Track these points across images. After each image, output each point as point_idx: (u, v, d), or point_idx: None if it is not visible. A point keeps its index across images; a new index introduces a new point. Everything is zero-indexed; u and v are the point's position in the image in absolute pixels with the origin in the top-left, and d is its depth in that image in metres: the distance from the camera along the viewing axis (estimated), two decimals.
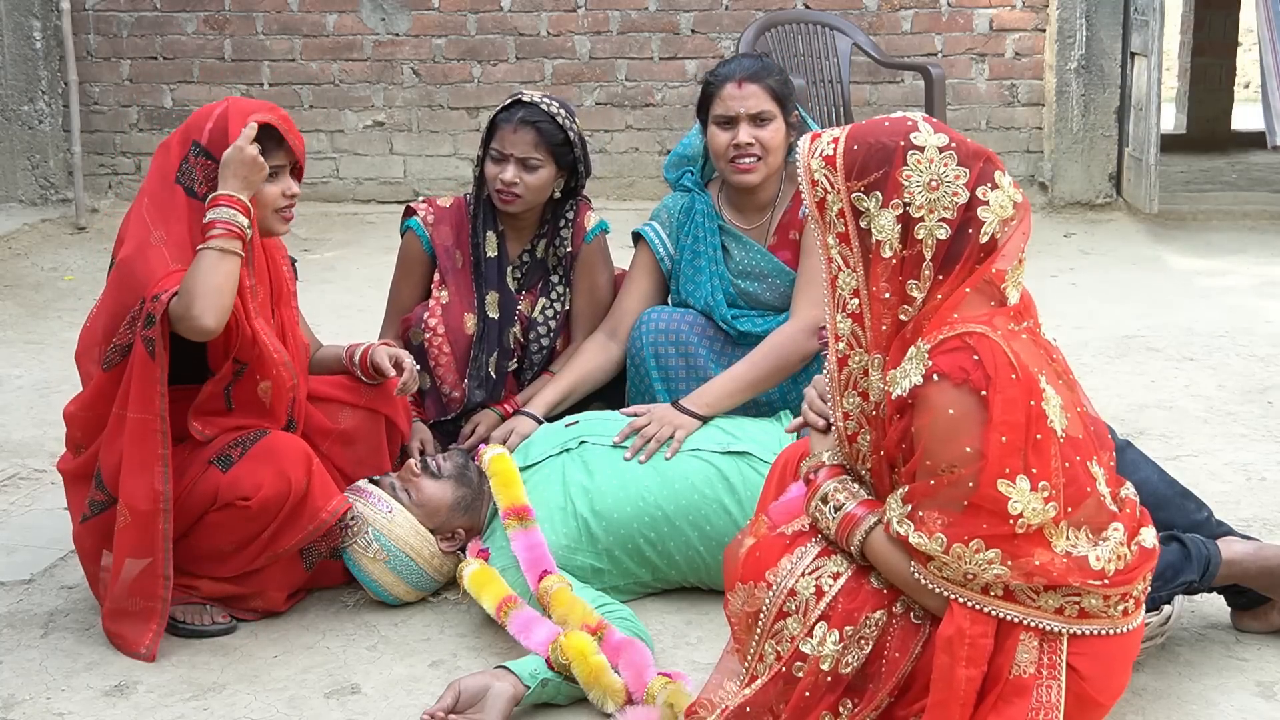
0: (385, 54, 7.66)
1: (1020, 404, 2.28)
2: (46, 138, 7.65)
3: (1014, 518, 2.29)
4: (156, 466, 2.96)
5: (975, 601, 2.34)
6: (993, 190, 2.36)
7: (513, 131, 3.55)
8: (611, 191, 7.60)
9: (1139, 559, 2.41)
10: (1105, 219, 7.37)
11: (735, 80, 3.51)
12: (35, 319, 5.87)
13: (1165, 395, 4.67)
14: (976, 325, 2.32)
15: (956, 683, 2.34)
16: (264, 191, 3.08)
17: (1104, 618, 2.38)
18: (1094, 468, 2.39)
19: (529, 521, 3.15)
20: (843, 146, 2.39)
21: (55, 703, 2.87)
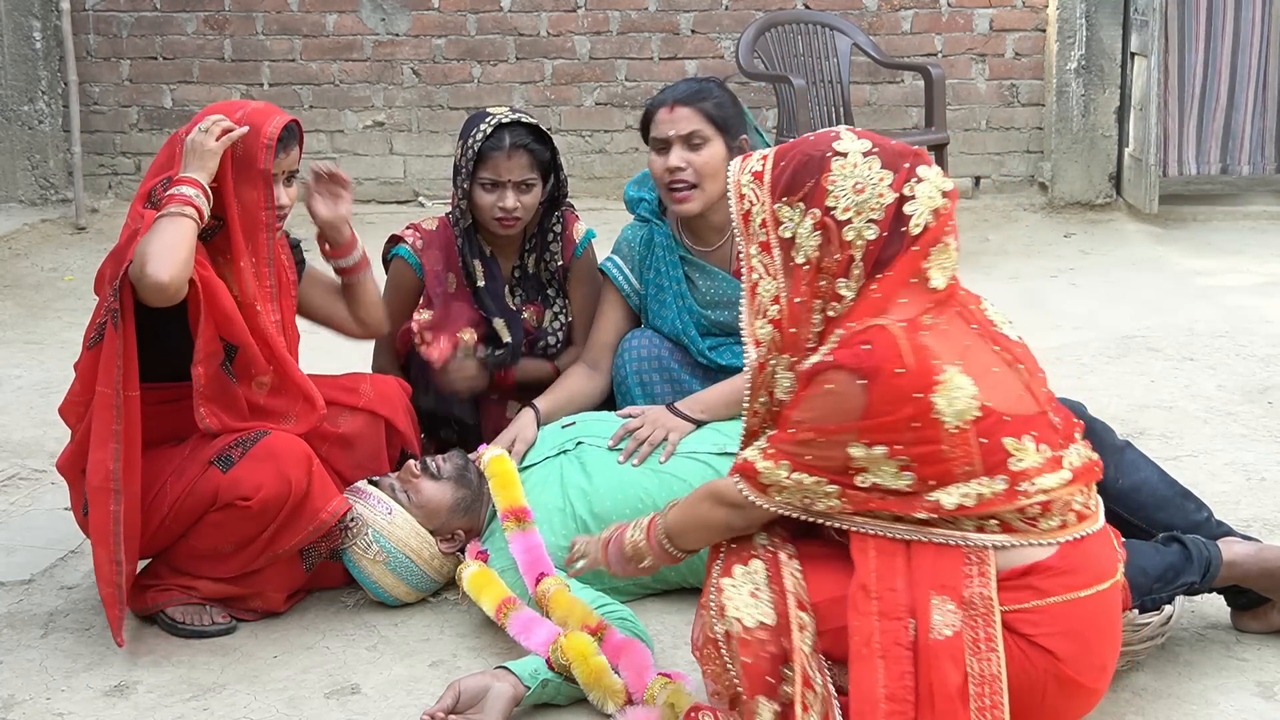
0: (385, 54, 7.66)
1: (902, 396, 2.36)
2: (46, 138, 7.65)
3: (856, 470, 2.40)
4: (109, 443, 2.96)
5: (818, 518, 2.45)
6: (918, 184, 2.45)
7: (506, 158, 3.51)
8: (611, 191, 7.59)
9: (1001, 496, 2.40)
10: (1105, 219, 7.36)
11: (667, 104, 3.45)
12: (35, 319, 5.87)
13: (1165, 395, 4.67)
14: (882, 319, 2.41)
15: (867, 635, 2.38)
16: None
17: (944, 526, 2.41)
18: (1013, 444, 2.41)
19: (527, 523, 3.16)
20: (770, 163, 2.51)
21: (55, 703, 2.87)
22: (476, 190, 3.55)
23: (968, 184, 7.62)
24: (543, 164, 3.57)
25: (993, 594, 2.39)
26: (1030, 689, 2.41)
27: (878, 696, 2.36)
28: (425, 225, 3.73)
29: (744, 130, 3.52)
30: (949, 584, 2.39)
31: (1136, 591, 2.80)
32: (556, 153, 3.62)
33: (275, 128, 3.09)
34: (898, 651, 2.38)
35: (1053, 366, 4.94)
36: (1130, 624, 2.75)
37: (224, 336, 3.06)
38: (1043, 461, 2.44)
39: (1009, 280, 6.34)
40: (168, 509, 3.07)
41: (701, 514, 2.59)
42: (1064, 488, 2.46)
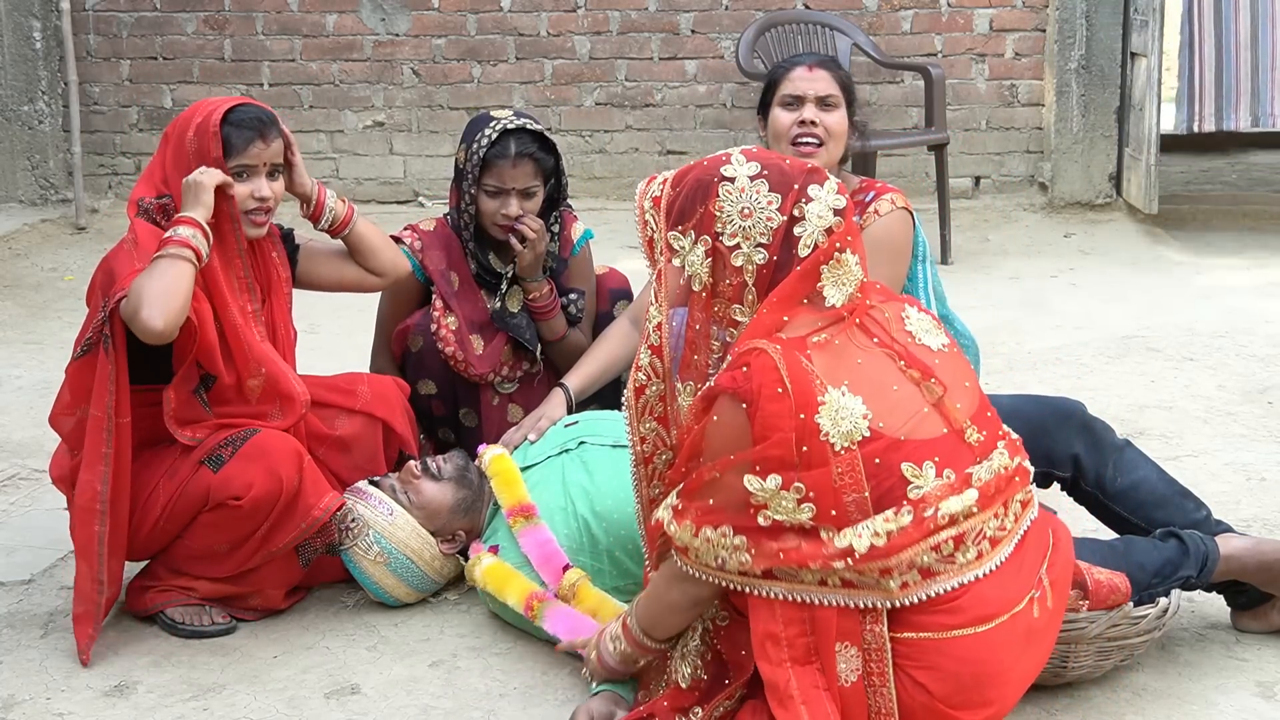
0: (385, 54, 7.65)
1: (784, 417, 2.33)
2: (46, 138, 7.65)
3: (756, 508, 2.35)
4: (98, 465, 2.98)
5: (738, 584, 2.41)
6: (808, 204, 2.43)
7: (512, 166, 3.51)
8: (611, 191, 7.59)
9: (911, 529, 2.34)
10: (1105, 219, 7.36)
11: (806, 65, 3.54)
12: (35, 319, 5.87)
13: (1165, 395, 4.67)
14: (760, 342, 2.38)
15: (784, 684, 2.37)
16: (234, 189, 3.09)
17: (874, 589, 2.36)
18: (911, 470, 2.36)
19: (535, 519, 3.15)
20: (668, 188, 2.51)
21: (55, 703, 2.87)
22: (481, 196, 3.55)
23: (968, 184, 7.62)
24: (546, 170, 3.57)
25: (884, 630, 2.38)
26: (907, 716, 2.40)
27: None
28: (423, 226, 3.73)
29: (858, 107, 3.59)
30: (849, 629, 2.39)
31: (1135, 586, 2.81)
32: (559, 157, 3.62)
33: (218, 114, 3.08)
34: (816, 694, 2.38)
35: (1052, 367, 4.99)
36: (1127, 616, 2.75)
37: (204, 366, 3.07)
38: (944, 487, 2.38)
39: (1009, 280, 6.35)
40: (161, 510, 3.07)
41: (661, 595, 2.57)
42: (970, 513, 2.39)
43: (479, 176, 3.53)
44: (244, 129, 3.10)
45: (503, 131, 3.51)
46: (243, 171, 3.11)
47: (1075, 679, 2.81)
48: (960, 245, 6.83)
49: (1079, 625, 2.72)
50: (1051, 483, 3.10)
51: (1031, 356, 5.14)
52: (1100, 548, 2.87)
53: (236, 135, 3.09)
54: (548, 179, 3.60)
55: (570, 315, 3.71)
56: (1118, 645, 2.77)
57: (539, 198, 3.59)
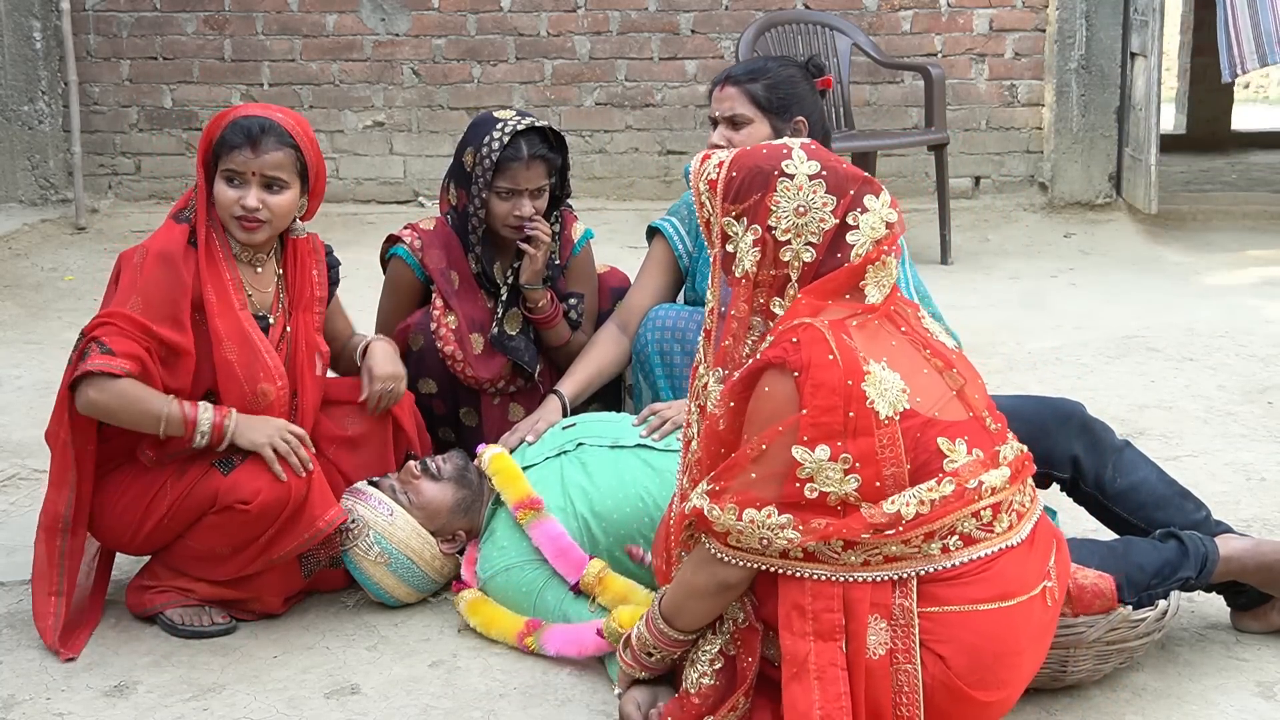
0: (385, 54, 7.66)
1: (834, 385, 2.37)
2: (46, 138, 7.65)
3: (803, 481, 2.37)
4: (65, 490, 3.04)
5: (776, 566, 2.42)
6: (863, 214, 2.48)
7: (525, 168, 3.51)
8: (611, 192, 7.60)
9: (952, 498, 2.41)
10: (1105, 219, 7.36)
11: (720, 83, 3.56)
12: (35, 319, 5.87)
13: (1165, 395, 4.67)
14: (807, 318, 2.43)
15: (803, 656, 2.39)
16: (222, 193, 3.10)
17: (915, 558, 2.41)
18: (946, 444, 2.44)
19: (543, 511, 3.15)
20: (724, 172, 2.52)
21: (55, 703, 2.87)
22: (492, 199, 3.55)
23: (968, 184, 7.62)
24: (555, 169, 3.59)
25: (913, 605, 2.41)
26: (926, 696, 2.40)
27: (814, 717, 2.37)
28: (423, 225, 3.72)
29: (803, 111, 3.53)
30: (882, 602, 2.41)
31: (1133, 587, 2.81)
32: (567, 152, 3.63)
33: (231, 115, 3.11)
34: (833, 673, 2.39)
35: (1052, 367, 4.99)
36: (1126, 620, 2.75)
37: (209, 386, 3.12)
38: (975, 463, 2.45)
39: (1009, 280, 6.35)
40: (166, 509, 3.07)
41: (687, 580, 2.56)
42: (1006, 487, 2.48)
43: (491, 180, 3.53)
44: (237, 134, 3.09)
45: (514, 133, 3.51)
46: (232, 177, 3.10)
47: (1075, 682, 2.80)
48: (960, 245, 6.83)
49: (1077, 630, 2.71)
50: (1051, 483, 3.10)
51: (1031, 356, 5.14)
52: (1099, 549, 2.87)
53: (231, 137, 3.09)
54: (554, 178, 3.61)
55: (571, 321, 3.71)
56: (1117, 648, 2.77)
57: (546, 196, 3.60)
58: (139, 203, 7.70)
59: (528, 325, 3.67)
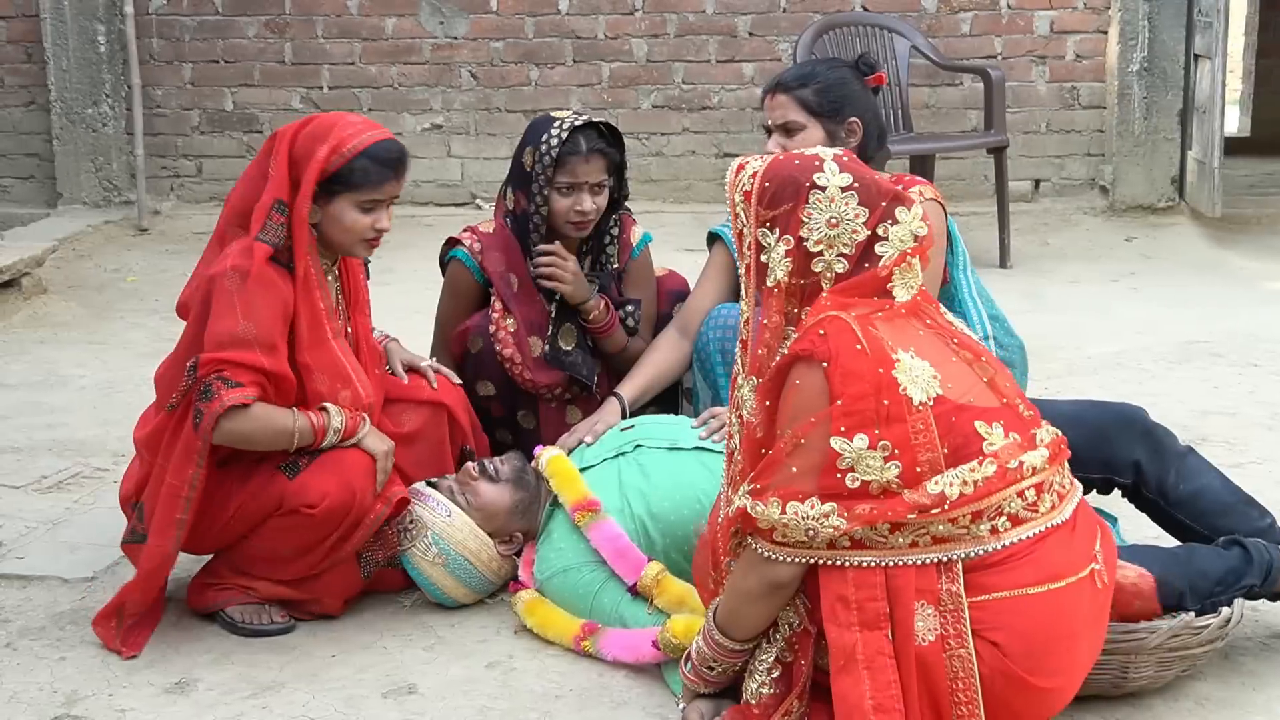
0: (443, 57, 7.70)
1: (864, 374, 2.40)
2: (110, 140, 7.74)
3: (844, 471, 2.39)
4: (171, 531, 3.03)
5: (825, 557, 2.42)
6: (893, 226, 2.51)
7: (585, 162, 3.53)
8: (668, 194, 7.60)
9: (995, 478, 2.42)
10: (1167, 223, 7.28)
11: (770, 92, 3.54)
12: (98, 320, 5.94)
13: (1229, 401, 4.61)
14: (833, 310, 2.46)
15: (850, 648, 2.39)
16: (353, 217, 3.12)
17: (964, 539, 2.42)
18: (984, 428, 2.45)
19: (600, 513, 3.15)
20: (758, 182, 2.54)
21: (117, 699, 2.90)
22: (553, 195, 3.56)
23: (1027, 187, 7.56)
24: (614, 165, 3.60)
25: (961, 590, 2.41)
26: (984, 684, 2.40)
27: (866, 708, 2.37)
28: (483, 228, 3.74)
29: (857, 111, 3.50)
30: (927, 588, 2.42)
31: (1196, 595, 2.79)
32: (624, 149, 3.64)
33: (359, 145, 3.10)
34: (881, 661, 2.39)
35: (1113, 372, 4.94)
36: (1189, 626, 2.72)
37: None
38: (1014, 445, 2.47)
39: (1068, 284, 6.29)
40: (233, 510, 3.10)
41: (738, 585, 2.56)
42: (1046, 467, 2.49)
43: (552, 176, 3.54)
44: (384, 166, 3.12)
45: (572, 129, 3.54)
46: (371, 206, 3.13)
47: (1136, 690, 2.77)
48: (1019, 249, 6.78)
49: (1139, 635, 2.69)
50: (1112, 489, 3.07)
51: (1092, 361, 5.09)
52: (1162, 555, 2.84)
53: (376, 171, 3.11)
54: (613, 175, 3.62)
55: (628, 328, 3.72)
56: (1179, 655, 2.74)
57: (608, 193, 3.61)
58: (200, 204, 7.77)
59: (584, 336, 3.68)
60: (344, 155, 3.08)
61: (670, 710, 2.80)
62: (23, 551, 3.60)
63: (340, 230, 3.13)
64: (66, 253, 6.87)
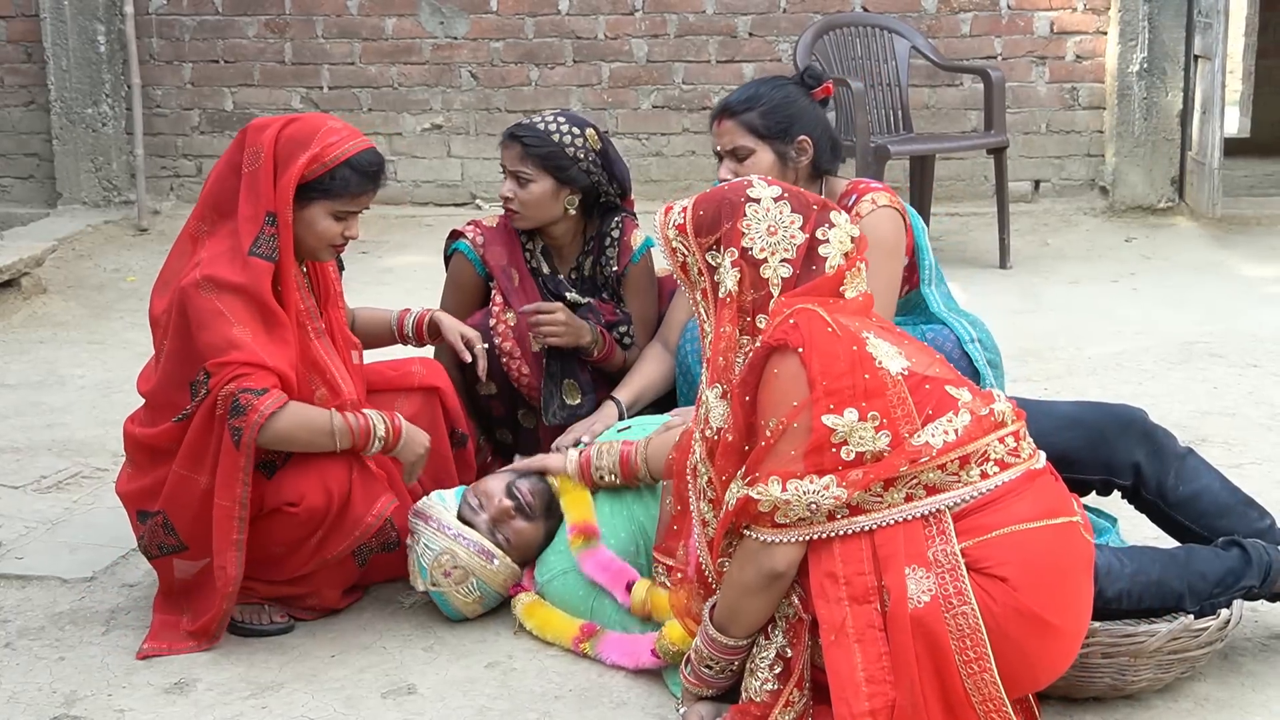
0: (443, 57, 7.69)
1: (840, 353, 2.49)
2: (109, 140, 7.74)
3: (838, 445, 2.47)
4: (232, 551, 3.02)
5: (827, 530, 2.48)
6: (831, 229, 2.63)
7: (504, 147, 3.64)
8: (668, 194, 7.58)
9: (974, 426, 2.53)
10: (1167, 223, 7.28)
11: (717, 118, 3.51)
12: (98, 320, 5.94)
13: (1228, 402, 4.61)
14: (798, 304, 2.54)
15: (840, 622, 2.43)
16: (326, 224, 3.10)
17: (957, 485, 2.50)
18: (954, 390, 2.58)
19: (594, 541, 3.14)
20: (690, 214, 2.65)
21: (116, 699, 2.90)
22: None
23: (1027, 188, 7.56)
24: (541, 160, 3.58)
25: (955, 548, 2.46)
26: (996, 628, 2.43)
27: (858, 680, 2.43)
28: (486, 222, 3.77)
29: (806, 128, 3.47)
30: (916, 552, 2.46)
31: (1195, 596, 2.79)
32: (582, 160, 3.60)
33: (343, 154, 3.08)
34: (872, 634, 2.45)
35: (1112, 372, 4.94)
36: (1188, 629, 2.73)
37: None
38: (981, 398, 2.60)
39: (1069, 285, 6.29)
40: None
41: (735, 580, 2.59)
42: (1013, 418, 2.60)
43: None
44: (364, 176, 3.10)
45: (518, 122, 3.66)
46: (345, 215, 3.12)
47: (1135, 692, 2.77)
48: (1019, 249, 6.78)
49: (1138, 639, 2.69)
50: (1112, 490, 3.06)
51: (1091, 362, 5.09)
52: (1161, 556, 2.84)
53: (356, 182, 3.09)
54: (558, 177, 3.59)
55: (624, 345, 3.74)
56: (1178, 658, 2.74)
57: (534, 190, 3.60)
58: None
59: (590, 387, 3.66)
60: (326, 164, 3.05)
61: (669, 711, 2.81)
62: (22, 551, 3.60)
63: (312, 235, 3.11)
64: (66, 252, 6.87)
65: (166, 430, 3.07)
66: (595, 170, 3.63)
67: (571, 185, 3.62)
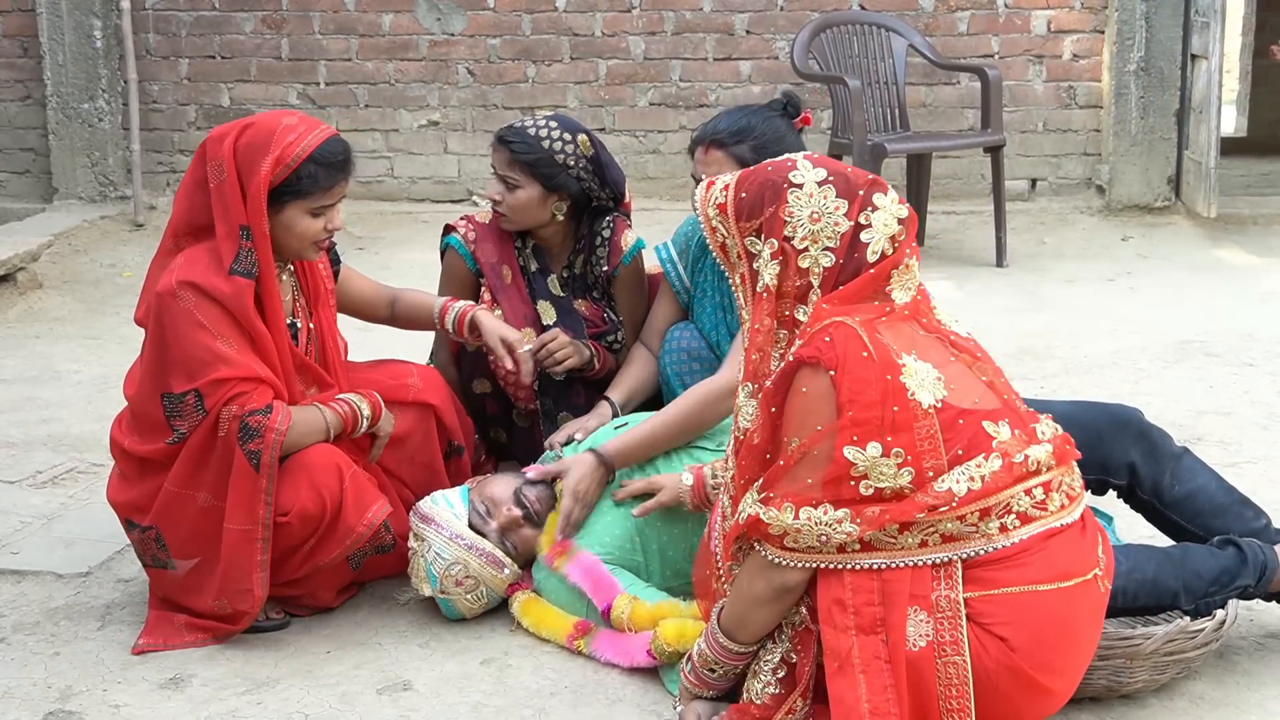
0: (440, 54, 7.69)
1: (872, 381, 2.39)
2: (106, 135, 7.73)
3: (857, 479, 2.39)
4: (257, 572, 3.01)
5: (835, 562, 2.43)
6: (874, 213, 2.51)
7: (494, 151, 3.61)
8: (665, 192, 7.59)
9: (1003, 473, 2.43)
10: (1163, 222, 7.29)
11: (704, 144, 3.39)
12: (94, 315, 5.94)
13: (1224, 401, 4.62)
14: (837, 316, 2.45)
15: (845, 651, 2.39)
16: (306, 224, 3.07)
17: (974, 537, 2.43)
18: (990, 427, 2.47)
19: (573, 551, 3.14)
20: (732, 193, 2.56)
21: (111, 694, 2.90)
22: None
23: (1024, 186, 7.56)
24: (528, 165, 3.54)
25: (959, 596, 2.41)
26: (985, 680, 2.40)
27: (861, 711, 2.38)
28: (479, 217, 3.75)
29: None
30: (920, 594, 2.41)
31: (1191, 595, 2.79)
32: (570, 166, 3.57)
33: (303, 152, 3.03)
34: (877, 665, 2.39)
35: (1109, 371, 4.94)
36: (1184, 631, 2.73)
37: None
38: (1019, 440, 2.48)
39: (1065, 284, 6.29)
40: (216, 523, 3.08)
41: (745, 590, 2.56)
42: (1051, 465, 2.49)
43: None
44: (332, 169, 3.06)
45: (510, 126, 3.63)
46: (322, 210, 3.09)
47: (1131, 693, 2.77)
48: (1015, 248, 6.78)
49: (1135, 641, 2.69)
50: (1107, 490, 3.06)
51: (1087, 360, 5.09)
52: (1156, 555, 2.84)
53: (325, 176, 3.05)
54: (545, 184, 3.56)
55: (615, 351, 3.73)
56: (1174, 659, 2.74)
57: (521, 195, 3.57)
58: None
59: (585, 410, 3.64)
60: (289, 165, 3.01)
61: (665, 708, 2.80)
62: (17, 546, 3.60)
63: (294, 237, 3.08)
64: (62, 248, 6.87)
65: (158, 449, 3.05)
66: (586, 176, 3.61)
67: (560, 192, 3.59)
